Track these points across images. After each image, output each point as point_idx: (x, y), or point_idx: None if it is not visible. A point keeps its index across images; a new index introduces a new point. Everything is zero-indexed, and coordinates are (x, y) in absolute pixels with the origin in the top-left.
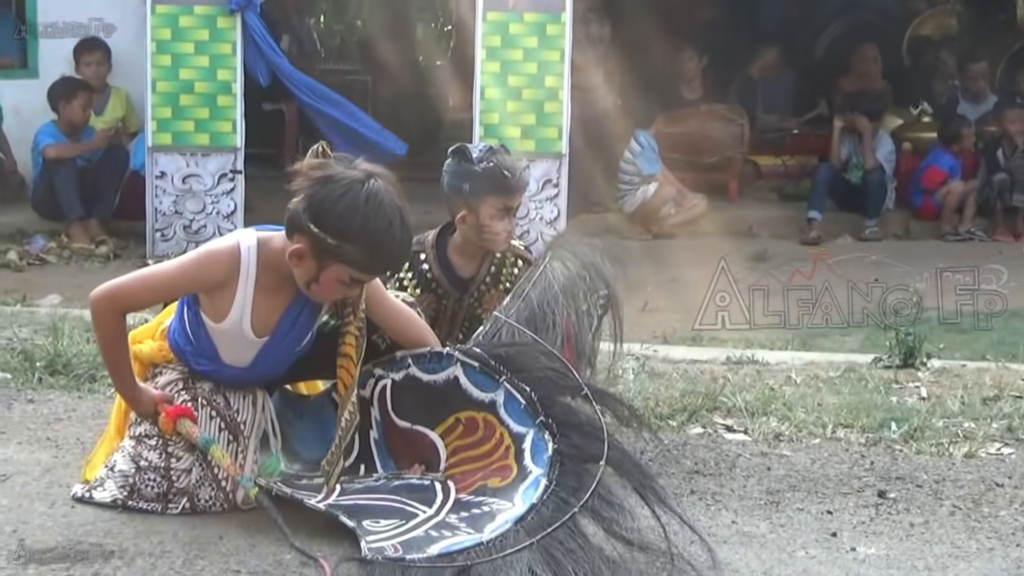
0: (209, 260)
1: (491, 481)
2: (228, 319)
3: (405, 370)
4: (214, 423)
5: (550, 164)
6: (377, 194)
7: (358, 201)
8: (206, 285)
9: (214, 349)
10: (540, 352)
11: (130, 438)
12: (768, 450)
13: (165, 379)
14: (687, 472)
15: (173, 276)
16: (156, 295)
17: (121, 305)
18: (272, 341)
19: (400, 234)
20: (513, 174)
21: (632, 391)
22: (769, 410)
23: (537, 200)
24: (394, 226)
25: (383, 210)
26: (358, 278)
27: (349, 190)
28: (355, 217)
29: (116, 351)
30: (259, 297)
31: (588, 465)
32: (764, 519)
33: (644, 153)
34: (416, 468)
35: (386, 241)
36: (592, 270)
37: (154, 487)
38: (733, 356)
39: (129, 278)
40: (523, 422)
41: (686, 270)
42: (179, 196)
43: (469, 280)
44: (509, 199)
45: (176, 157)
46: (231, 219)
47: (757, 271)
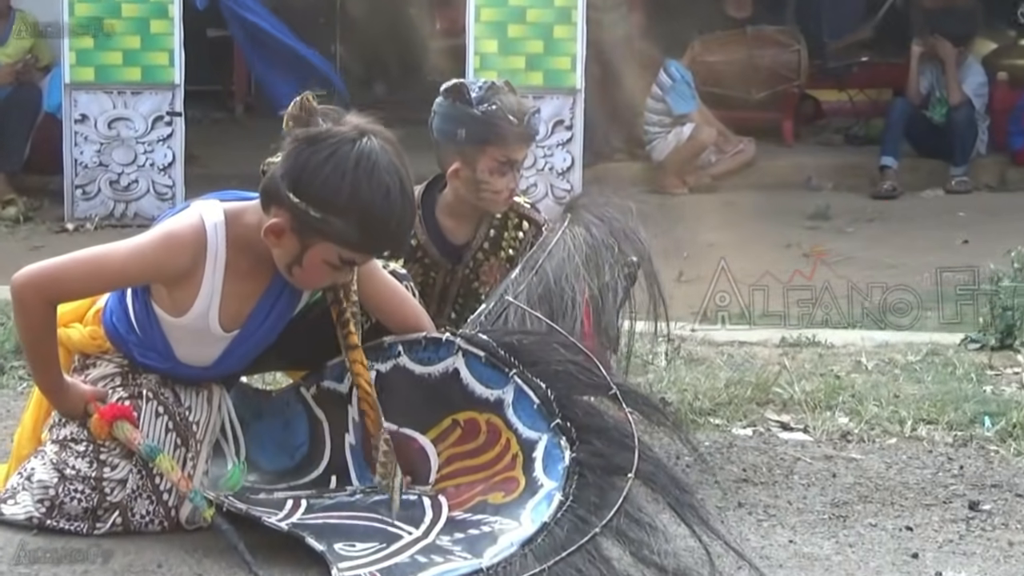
0: (170, 245)
1: (493, 496)
2: (191, 313)
3: (393, 360)
4: (160, 423)
5: (561, 102)
6: (371, 155)
7: (346, 163)
8: (166, 276)
9: (167, 346)
10: (558, 341)
11: (52, 442)
12: (833, 452)
13: (99, 372)
14: (734, 481)
15: (124, 263)
16: (99, 284)
17: (53, 294)
18: (242, 335)
19: (400, 203)
20: (520, 119)
21: (665, 381)
22: (834, 403)
23: (546, 146)
24: (392, 194)
25: (378, 174)
26: (349, 258)
27: (336, 151)
28: (343, 183)
29: (42, 346)
30: (229, 285)
31: (613, 477)
32: (828, 537)
33: (676, 88)
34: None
35: (381, 212)
36: (622, 237)
37: (81, 501)
38: (789, 337)
39: (65, 261)
40: (535, 425)
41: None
42: (104, 144)
43: (463, 247)
44: (513, 150)
45: (100, 96)
46: (168, 172)
47: (818, 232)
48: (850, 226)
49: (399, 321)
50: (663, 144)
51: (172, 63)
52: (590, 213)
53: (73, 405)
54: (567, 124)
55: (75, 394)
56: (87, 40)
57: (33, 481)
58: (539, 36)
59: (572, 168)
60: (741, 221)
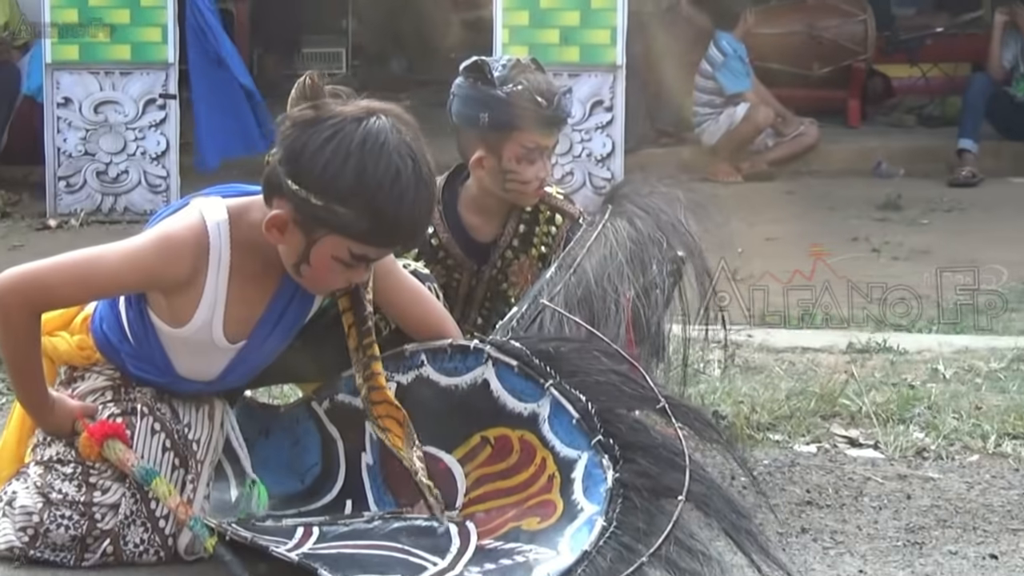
0: (167, 250)
1: (527, 522)
2: (192, 323)
3: (416, 370)
4: (156, 441)
5: (601, 80)
6: (379, 134)
7: (350, 144)
8: (164, 284)
9: (166, 359)
10: (599, 349)
11: (36, 463)
12: (908, 471)
13: (88, 386)
14: (796, 503)
15: (117, 270)
16: (89, 292)
17: (38, 301)
18: (249, 346)
19: (414, 187)
20: (549, 100)
21: (718, 393)
22: (908, 416)
23: (583, 130)
24: (403, 177)
25: (386, 155)
26: (361, 254)
27: (339, 131)
28: (346, 166)
29: (25, 358)
30: (235, 291)
31: (662, 500)
32: (903, 566)
33: (728, 63)
34: (423, 504)
35: (392, 197)
36: (669, 230)
37: (68, 528)
38: (857, 342)
39: (52, 265)
40: (574, 443)
41: (789, 224)
42: (90, 131)
43: (489, 245)
44: (542, 135)
45: (85, 78)
46: (161, 161)
47: (888, 224)
48: (924, 217)
49: (422, 327)
50: (714, 127)
51: (165, 40)
52: (633, 204)
53: (59, 423)
54: (606, 105)
55: (61, 411)
56: (71, 13)
57: (15, 507)
58: (575, 7)
59: (612, 154)
60: (802, 213)
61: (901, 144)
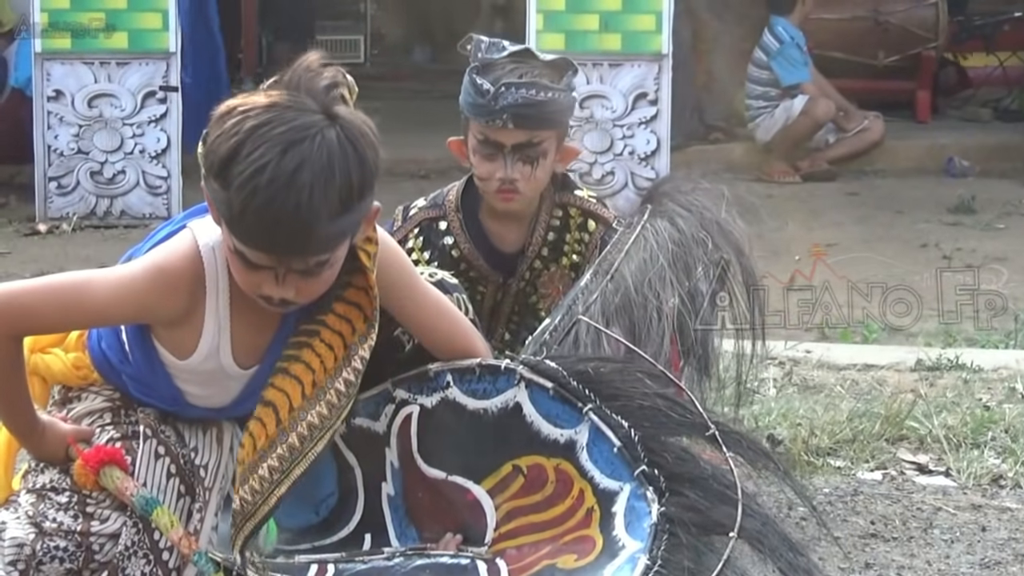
0: (161, 283)
1: (563, 560)
2: (197, 354)
3: (441, 392)
4: (160, 467)
5: (645, 70)
6: (285, 128)
7: (244, 125)
8: (160, 318)
9: (174, 388)
10: (643, 370)
11: (28, 491)
12: (982, 501)
13: (84, 407)
14: (860, 536)
15: (107, 302)
16: (76, 322)
17: (20, 327)
18: (264, 371)
19: (272, 187)
20: (488, 91)
21: (774, 414)
22: (983, 441)
23: (626, 125)
24: (267, 171)
25: (269, 146)
26: (239, 250)
27: (250, 111)
28: (226, 143)
29: (9, 384)
30: (239, 316)
31: (711, 537)
32: None
33: (784, 52)
34: (450, 540)
35: (245, 188)
36: (715, 230)
37: (64, 560)
38: (927, 358)
39: (38, 289)
40: (615, 473)
41: (852, 228)
42: (84, 127)
43: (515, 255)
44: (488, 128)
45: (78, 69)
46: (162, 161)
47: (961, 229)
48: (1000, 221)
49: (447, 345)
50: (769, 122)
51: (166, 27)
52: (674, 202)
53: (51, 449)
54: (651, 98)
55: (53, 436)
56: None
57: (4, 538)
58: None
59: (658, 152)
60: (866, 216)
61: (975, 140)
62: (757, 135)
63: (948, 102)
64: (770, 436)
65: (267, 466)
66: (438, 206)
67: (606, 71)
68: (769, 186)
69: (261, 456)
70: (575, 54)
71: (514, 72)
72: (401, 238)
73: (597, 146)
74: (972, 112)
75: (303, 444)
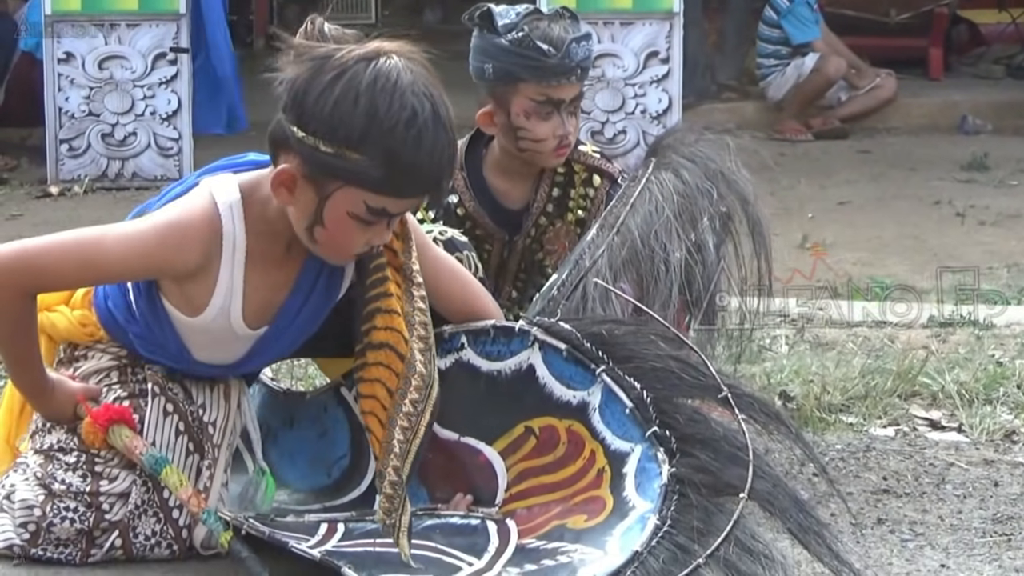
0: (177, 238)
1: (573, 520)
2: (207, 312)
3: (455, 354)
4: (169, 424)
5: (656, 29)
6: (390, 73)
7: (359, 83)
8: (175, 273)
9: (181, 345)
10: (656, 333)
11: (36, 452)
12: (995, 456)
13: (92, 366)
14: (872, 492)
15: (121, 257)
16: (91, 279)
17: (34, 285)
18: (272, 332)
19: (432, 130)
20: (557, 47)
21: (786, 371)
22: (995, 397)
23: (638, 83)
24: (420, 117)
25: (400, 94)
26: (379, 207)
27: (345, 70)
28: (357, 106)
29: (18, 341)
30: (252, 276)
31: (721, 498)
32: (990, 560)
33: (794, 10)
34: (460, 500)
35: (408, 139)
36: (720, 180)
37: (75, 521)
38: (939, 314)
39: (51, 246)
40: (627, 434)
41: (865, 186)
42: (94, 89)
43: (521, 212)
44: (553, 87)
45: (89, 30)
46: (173, 123)
47: (974, 186)
48: (1014, 178)
49: (460, 306)
50: (780, 80)
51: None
52: (678, 154)
53: (60, 408)
54: (663, 56)
55: (62, 394)
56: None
57: (14, 501)
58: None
59: (669, 110)
60: (879, 174)
61: (988, 98)
62: (769, 93)
63: (961, 59)
64: (782, 393)
65: (408, 401)
66: None
67: (617, 30)
68: (781, 144)
69: (401, 395)
70: (587, 13)
71: (555, 28)
72: None
73: (609, 105)
74: (985, 69)
75: (426, 369)
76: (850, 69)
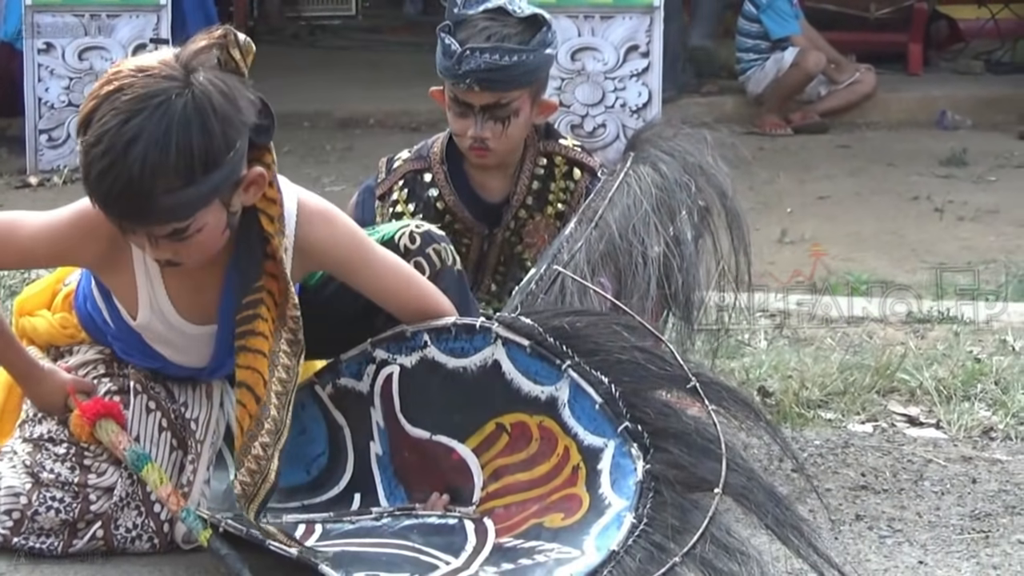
0: (83, 226)
1: (550, 519)
2: (142, 312)
3: (420, 352)
4: (152, 421)
5: (636, 23)
6: (131, 93)
7: (102, 89)
8: (84, 261)
9: (150, 348)
10: (620, 323)
11: (25, 441)
12: (973, 453)
13: (79, 359)
14: (850, 488)
15: (33, 238)
16: (11, 256)
17: None
18: (223, 331)
19: (104, 156)
20: (452, 52)
21: (764, 367)
22: (973, 393)
23: (617, 77)
24: (104, 141)
25: (116, 111)
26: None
27: (113, 79)
28: (85, 106)
29: None
30: (172, 272)
31: (696, 494)
32: (967, 557)
33: (773, 4)
34: (437, 500)
35: (92, 153)
36: (698, 173)
37: (60, 511)
38: (918, 310)
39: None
40: (599, 430)
41: (844, 181)
42: (74, 80)
43: (500, 205)
44: (457, 89)
45: (69, 20)
46: None
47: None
48: (992, 174)
49: (417, 312)
50: (760, 74)
51: None
52: (657, 148)
53: (52, 397)
54: (642, 50)
55: (53, 382)
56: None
57: (0, 487)
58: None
59: (649, 104)
60: (858, 168)
61: (967, 93)
62: (748, 88)
63: (940, 55)
64: (761, 388)
65: (259, 443)
66: (423, 158)
67: (597, 23)
68: (761, 139)
69: (250, 436)
70: (567, 7)
71: (482, 33)
72: (385, 190)
73: (589, 98)
74: (964, 65)
75: (279, 413)
76: (830, 64)
